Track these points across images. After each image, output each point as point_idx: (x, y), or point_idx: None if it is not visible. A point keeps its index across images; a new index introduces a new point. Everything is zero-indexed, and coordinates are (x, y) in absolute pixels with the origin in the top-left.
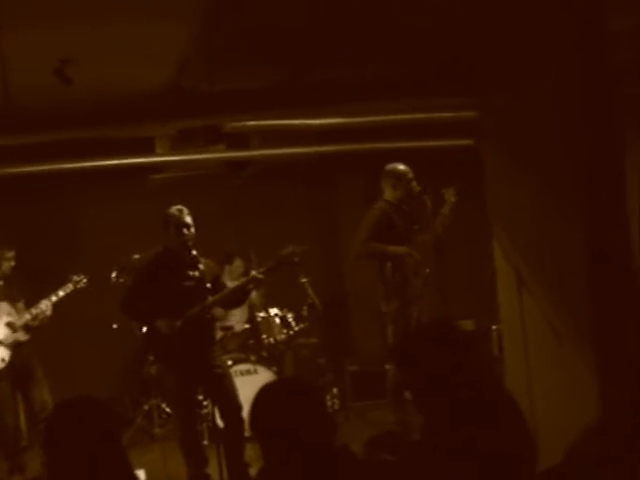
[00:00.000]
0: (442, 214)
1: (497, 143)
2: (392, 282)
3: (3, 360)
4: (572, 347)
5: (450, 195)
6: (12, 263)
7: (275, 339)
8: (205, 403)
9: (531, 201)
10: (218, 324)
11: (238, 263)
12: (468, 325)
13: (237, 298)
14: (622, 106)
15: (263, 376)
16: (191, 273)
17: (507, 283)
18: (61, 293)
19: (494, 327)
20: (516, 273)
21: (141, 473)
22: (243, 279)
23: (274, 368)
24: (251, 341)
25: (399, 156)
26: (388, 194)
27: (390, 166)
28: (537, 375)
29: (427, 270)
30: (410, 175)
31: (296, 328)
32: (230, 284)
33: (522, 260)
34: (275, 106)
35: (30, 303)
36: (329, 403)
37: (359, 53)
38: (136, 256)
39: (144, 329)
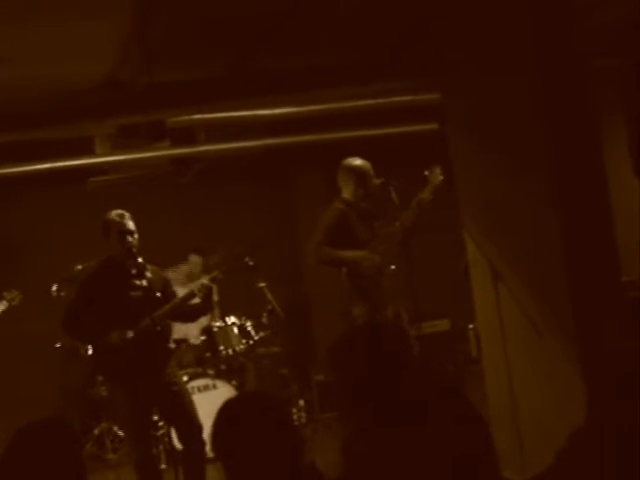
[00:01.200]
0: (419, 199)
1: (463, 126)
2: (354, 286)
3: None
4: (553, 341)
5: (435, 175)
6: None
7: (234, 350)
8: (161, 424)
9: (503, 188)
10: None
11: (195, 260)
12: (443, 325)
13: (197, 309)
14: (598, 79)
15: (223, 391)
16: (138, 282)
17: (482, 277)
18: None
19: (471, 326)
20: (490, 266)
21: None
22: (198, 282)
23: (234, 382)
24: (208, 354)
25: (359, 145)
26: (346, 192)
27: (346, 162)
28: (518, 374)
29: (393, 267)
30: (369, 170)
31: (256, 337)
32: (182, 290)
33: (496, 252)
34: (221, 97)
35: None
36: (295, 417)
37: (307, 37)
38: (78, 267)
39: (90, 348)
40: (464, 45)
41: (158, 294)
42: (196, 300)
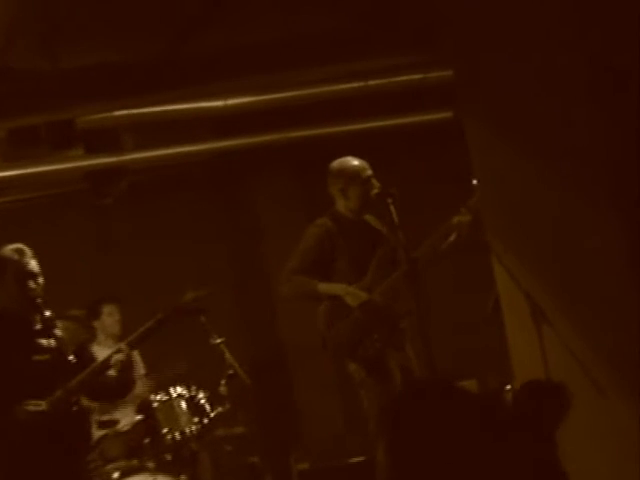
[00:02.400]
0: (456, 223)
1: (484, 114)
2: (337, 333)
3: None
4: (616, 399)
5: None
6: None
7: (182, 433)
8: None
9: (544, 195)
10: (95, 417)
11: (110, 310)
12: (469, 387)
13: (109, 386)
14: None
15: None
16: (44, 342)
17: (518, 317)
18: None
19: (508, 387)
20: (529, 301)
21: None
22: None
23: (184, 477)
24: (146, 440)
25: (345, 145)
26: (339, 205)
27: (336, 164)
28: (571, 436)
29: (397, 310)
30: (366, 173)
31: (212, 414)
32: (101, 351)
33: (536, 281)
34: (153, 86)
35: None
36: None
37: (269, 2)
38: None
39: None
40: (485, 13)
41: (71, 358)
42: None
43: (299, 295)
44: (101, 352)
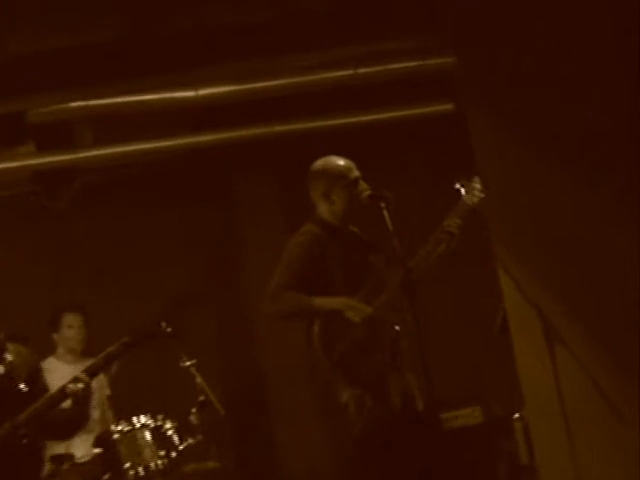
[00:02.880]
0: (445, 227)
1: (492, 108)
2: (335, 355)
3: None
4: (638, 427)
5: (471, 191)
6: None
7: (147, 468)
8: None
9: (554, 199)
10: (49, 451)
11: (71, 320)
12: (472, 416)
13: (74, 415)
14: None
15: None
16: None
17: (528, 336)
18: None
19: (516, 415)
20: (540, 318)
21: None
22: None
23: None
24: (106, 475)
25: (334, 141)
26: (322, 209)
27: (318, 164)
28: (591, 470)
29: (396, 328)
30: (353, 173)
31: (181, 446)
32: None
33: (548, 296)
34: (113, 75)
35: None
36: None
37: None
38: None
39: None
40: None
41: (22, 386)
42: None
43: (292, 313)
44: (60, 368)
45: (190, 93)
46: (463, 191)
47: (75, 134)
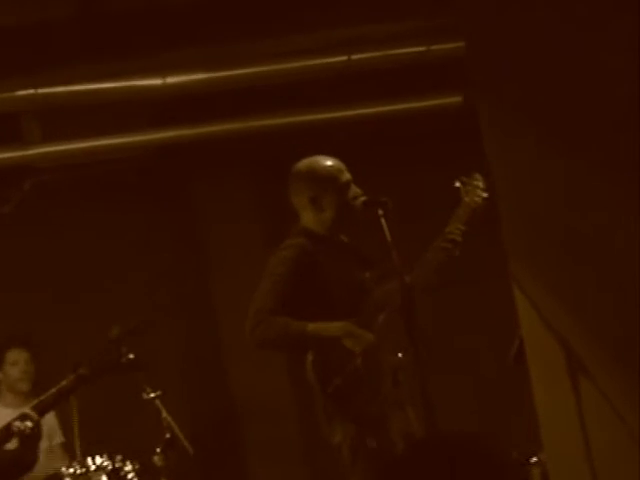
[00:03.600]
0: (447, 235)
1: (506, 100)
2: (330, 389)
3: None
4: None
5: (473, 190)
6: None
7: None
8: None
9: (579, 203)
10: None
11: (16, 357)
12: None
13: (20, 456)
14: None
15: None
16: None
17: (548, 368)
18: None
19: (534, 459)
20: (563, 346)
21: None
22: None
23: None
24: None
25: (320, 140)
26: (307, 218)
27: (304, 165)
28: None
29: (399, 355)
30: (345, 175)
31: None
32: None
33: (572, 320)
34: (66, 59)
35: None
36: None
37: None
38: None
39: None
40: None
41: None
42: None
43: (281, 342)
44: (2, 413)
45: (156, 81)
46: (464, 191)
47: (23, 128)
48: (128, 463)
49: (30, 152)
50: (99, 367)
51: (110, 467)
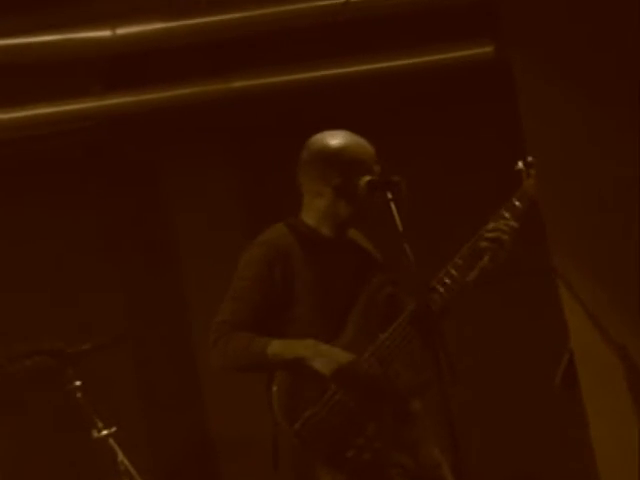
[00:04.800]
0: (489, 233)
1: (544, 51)
2: (308, 433)
3: None
4: None
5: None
6: None
7: None
8: None
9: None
10: None
11: None
12: None
13: None
14: None
15: None
16: None
17: (604, 388)
18: None
19: None
20: (624, 361)
21: None
22: None
23: None
24: None
25: (314, 106)
26: (313, 211)
27: (330, 141)
28: None
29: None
30: (373, 157)
31: None
32: None
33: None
34: None
35: None
36: None
37: None
38: None
39: None
40: None
41: None
42: None
43: (241, 362)
44: None
45: (105, 33)
46: (526, 175)
47: None
48: None
49: None
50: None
51: None
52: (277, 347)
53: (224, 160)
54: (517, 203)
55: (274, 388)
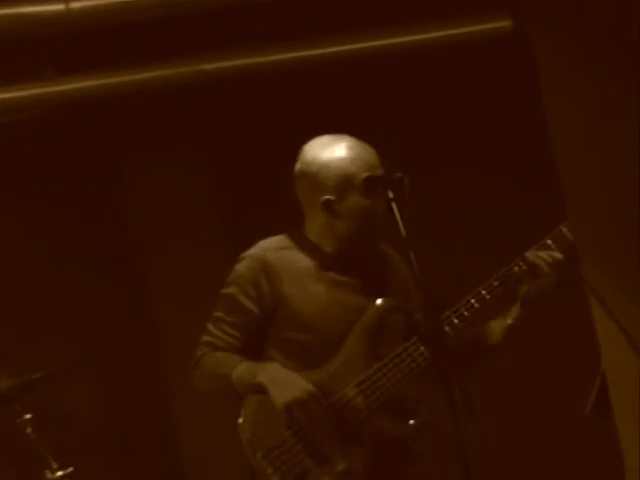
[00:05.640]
0: (534, 261)
1: (568, 26)
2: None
3: None
4: None
5: None
6: None
7: None
8: None
9: None
10: None
11: None
12: None
13: None
14: None
15: None
16: None
17: None
18: None
19: None
20: None
21: None
22: None
23: None
24: None
25: (291, 90)
26: (313, 227)
27: (316, 152)
28: None
29: (411, 422)
30: (366, 166)
31: None
32: None
33: None
34: None
35: None
36: None
37: None
38: None
39: None
40: None
41: None
42: None
43: (214, 387)
44: None
45: (57, 7)
46: None
47: None
48: None
49: None
50: None
51: None
52: (242, 370)
53: (195, 154)
54: (566, 231)
55: (240, 418)
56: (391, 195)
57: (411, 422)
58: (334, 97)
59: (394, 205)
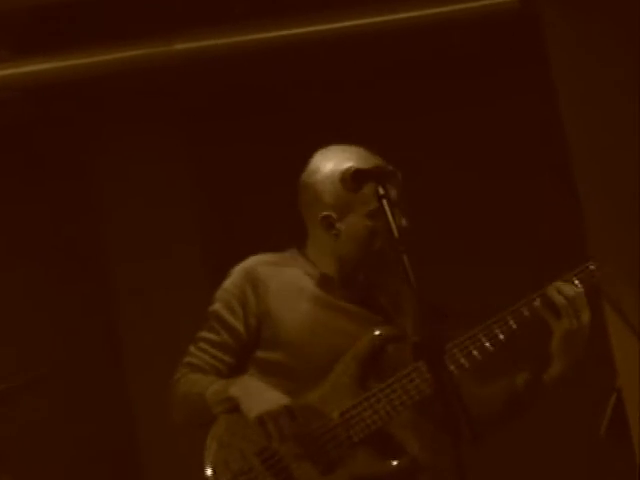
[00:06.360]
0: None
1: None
2: None
3: None
4: None
5: None
6: None
7: None
8: None
9: None
10: None
11: None
12: None
13: None
14: None
15: None
16: None
17: None
18: None
19: None
20: None
21: None
22: None
23: None
24: None
25: (284, 74)
26: (314, 247)
27: (318, 166)
28: None
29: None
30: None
31: None
32: None
33: None
34: None
35: None
36: None
37: None
38: None
39: None
40: None
41: None
42: None
43: (189, 414)
44: None
45: None
46: None
47: None
48: None
49: None
50: None
51: None
52: (217, 385)
53: (169, 142)
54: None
55: (207, 439)
56: (381, 191)
57: (394, 463)
58: (319, 79)
59: (385, 202)
